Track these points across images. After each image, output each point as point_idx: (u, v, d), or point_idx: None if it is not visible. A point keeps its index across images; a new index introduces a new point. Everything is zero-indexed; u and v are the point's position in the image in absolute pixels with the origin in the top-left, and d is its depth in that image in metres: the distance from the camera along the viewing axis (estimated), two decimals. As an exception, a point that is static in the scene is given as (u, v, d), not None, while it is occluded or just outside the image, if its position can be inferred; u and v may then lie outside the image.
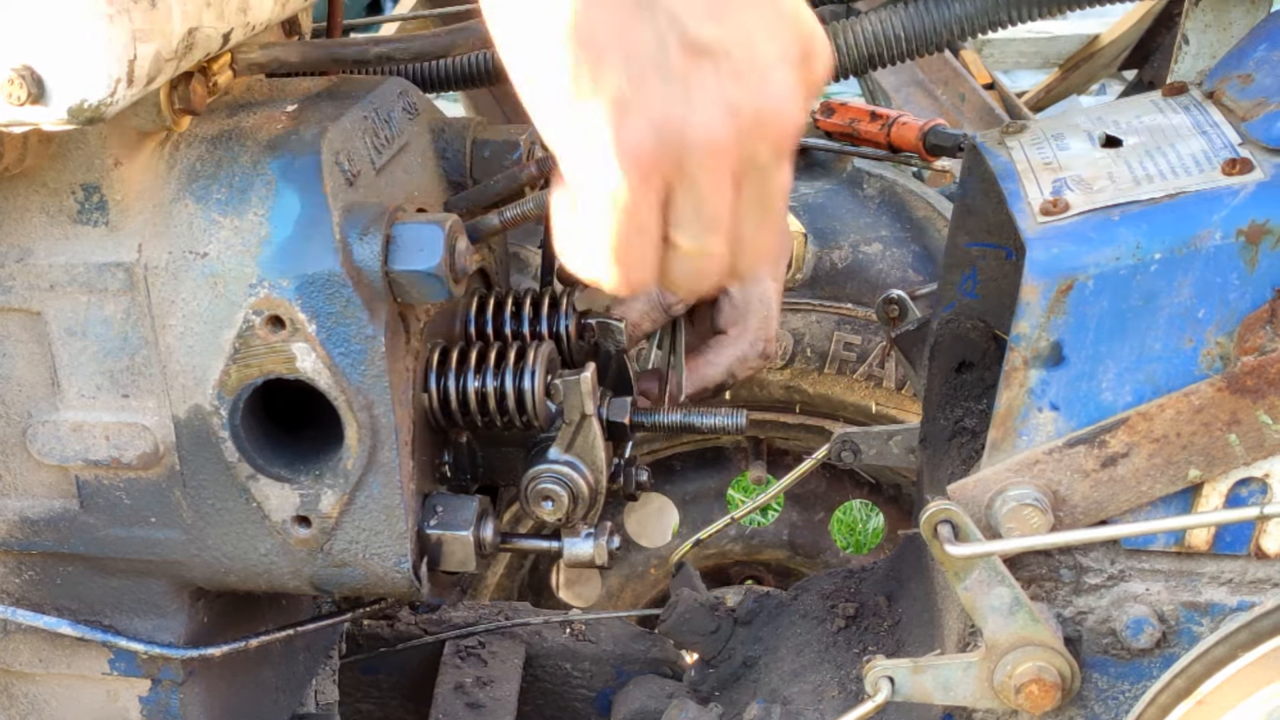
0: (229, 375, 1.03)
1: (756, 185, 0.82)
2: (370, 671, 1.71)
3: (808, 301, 2.04)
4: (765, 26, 0.79)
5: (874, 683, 1.09)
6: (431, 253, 1.01)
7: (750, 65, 0.79)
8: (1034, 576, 1.06)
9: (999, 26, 1.23)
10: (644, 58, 0.77)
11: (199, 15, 0.94)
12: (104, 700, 1.23)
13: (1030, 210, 1.03)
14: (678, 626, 1.42)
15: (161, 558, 1.13)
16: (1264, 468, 1.00)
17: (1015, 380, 1.01)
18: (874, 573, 1.41)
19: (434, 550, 1.12)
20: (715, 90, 0.78)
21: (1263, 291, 0.96)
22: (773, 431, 2.21)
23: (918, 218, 2.10)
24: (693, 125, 0.78)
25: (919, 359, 1.37)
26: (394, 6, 3.58)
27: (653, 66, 0.77)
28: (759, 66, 0.79)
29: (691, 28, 0.78)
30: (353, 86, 1.14)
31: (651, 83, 0.77)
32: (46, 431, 1.09)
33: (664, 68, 0.78)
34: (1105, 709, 1.09)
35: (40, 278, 1.04)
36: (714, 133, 0.79)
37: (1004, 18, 1.22)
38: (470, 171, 1.21)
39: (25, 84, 0.86)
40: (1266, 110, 1.02)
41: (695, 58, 0.78)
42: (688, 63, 0.78)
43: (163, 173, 1.04)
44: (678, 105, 0.78)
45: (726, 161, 0.80)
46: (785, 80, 0.80)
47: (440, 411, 1.13)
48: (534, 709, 1.72)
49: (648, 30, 0.77)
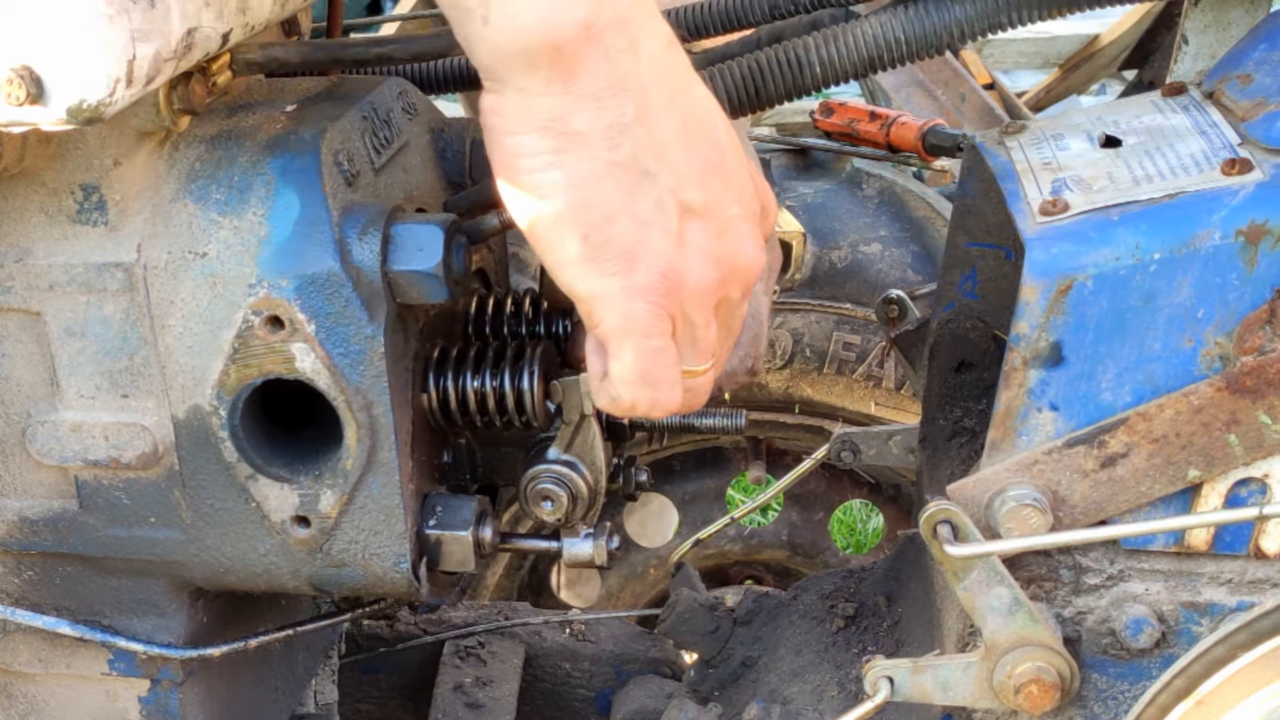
0: (228, 375, 1.03)
1: (727, 315, 0.99)
2: (370, 671, 1.71)
3: (807, 301, 2.04)
4: (733, 191, 0.95)
5: (873, 683, 1.09)
6: (431, 253, 1.01)
7: (727, 224, 0.94)
8: (1033, 576, 1.06)
9: (1000, 29, 1.23)
10: (648, 218, 0.91)
11: (198, 15, 0.94)
12: (103, 700, 1.23)
13: (1030, 210, 1.03)
14: (677, 626, 1.42)
15: (161, 558, 1.13)
16: (1263, 468, 1.00)
17: (1015, 380, 1.01)
18: (873, 573, 1.41)
19: (433, 550, 1.12)
20: (704, 245, 0.93)
21: (1262, 291, 0.96)
22: (772, 431, 2.21)
23: (917, 218, 2.10)
24: (690, 273, 0.93)
25: (919, 359, 1.37)
26: (394, 6, 3.58)
27: (656, 225, 0.91)
28: (733, 224, 0.95)
29: (684, 194, 0.92)
30: (352, 87, 1.14)
31: (655, 239, 0.91)
32: (46, 432, 1.09)
33: (664, 227, 0.91)
34: (1105, 709, 1.09)
35: (39, 278, 1.04)
36: (707, 279, 0.94)
37: (1005, 20, 1.22)
38: (470, 171, 1.21)
39: (24, 84, 0.86)
40: (1266, 110, 1.02)
41: (687, 218, 0.92)
42: (682, 222, 0.92)
43: (162, 173, 1.04)
44: (677, 257, 0.92)
45: (713, 300, 0.95)
46: (751, 235, 0.97)
47: (439, 412, 1.13)
48: (533, 709, 1.72)
49: (649, 196, 0.90)
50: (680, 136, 0.92)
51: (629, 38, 0.87)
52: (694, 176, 0.93)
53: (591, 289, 0.92)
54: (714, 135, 0.94)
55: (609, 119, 0.88)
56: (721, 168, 0.95)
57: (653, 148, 0.90)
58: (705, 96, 0.94)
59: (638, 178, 0.90)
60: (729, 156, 0.95)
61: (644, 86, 0.89)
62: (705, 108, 0.94)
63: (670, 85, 0.91)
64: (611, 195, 0.90)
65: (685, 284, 0.93)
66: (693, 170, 0.93)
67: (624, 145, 0.89)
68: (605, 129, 0.88)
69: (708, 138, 0.94)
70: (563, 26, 0.84)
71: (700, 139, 0.93)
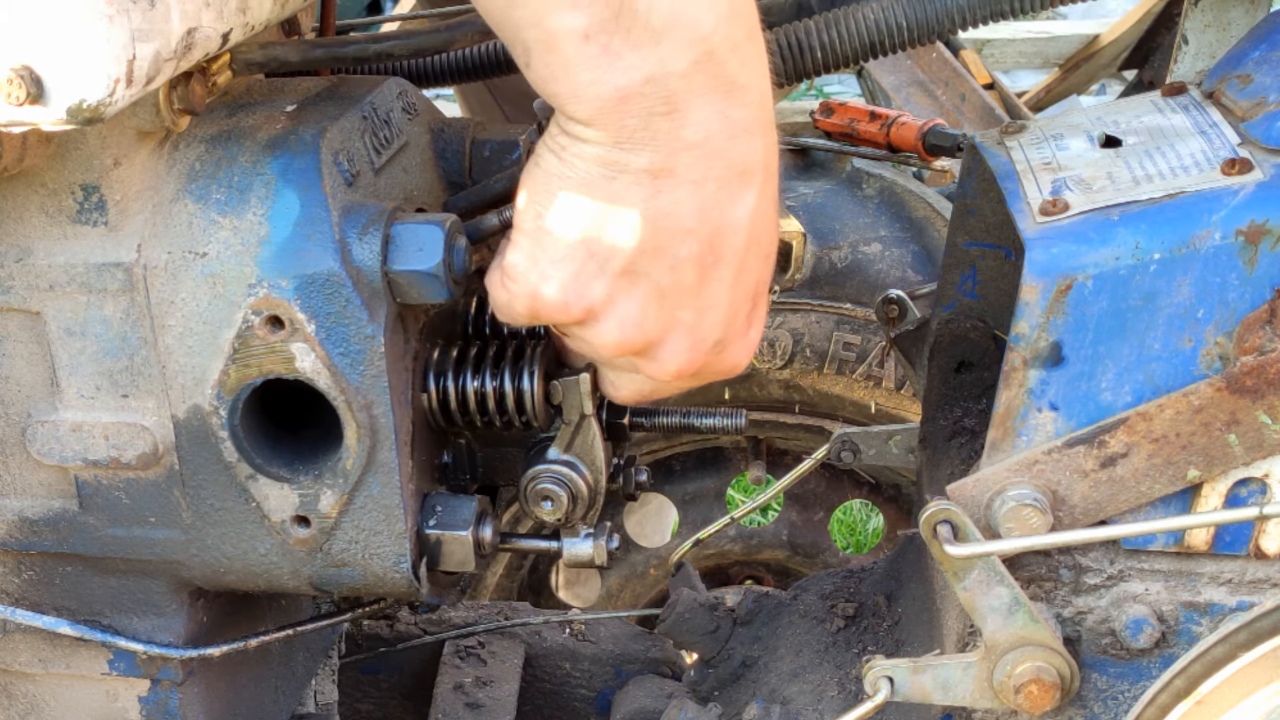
0: (228, 375, 1.03)
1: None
2: (370, 671, 1.71)
3: (807, 301, 2.04)
4: (699, 301, 0.98)
5: (873, 683, 1.09)
6: (431, 253, 1.01)
7: (668, 320, 0.98)
8: (1033, 576, 1.06)
9: (1001, 18, 1.23)
10: (597, 251, 0.95)
11: (198, 15, 0.94)
12: (103, 700, 1.23)
13: (1029, 210, 1.03)
14: (677, 626, 1.42)
15: (161, 558, 1.13)
16: (1263, 468, 1.00)
17: (1014, 380, 1.01)
18: (873, 573, 1.41)
19: (433, 550, 1.12)
20: (623, 314, 0.97)
21: (1262, 291, 0.96)
22: (772, 431, 2.21)
23: (917, 217, 2.10)
24: (600, 328, 0.99)
25: (918, 359, 1.37)
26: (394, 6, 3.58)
27: (598, 260, 0.95)
28: (671, 329, 0.98)
29: (646, 262, 0.95)
30: (352, 86, 1.14)
31: (588, 269, 0.95)
32: (46, 431, 1.09)
33: (605, 268, 0.95)
34: (1104, 709, 1.09)
35: (39, 278, 1.04)
36: (607, 340, 0.99)
37: (1006, 8, 1.22)
38: (470, 171, 1.21)
39: (24, 84, 0.86)
40: (1266, 110, 1.02)
41: (631, 279, 0.96)
42: (623, 279, 0.96)
43: (162, 173, 1.04)
44: (596, 300, 0.97)
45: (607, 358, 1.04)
46: (677, 354, 1.00)
47: (439, 412, 1.13)
48: (533, 709, 1.72)
49: (612, 239, 0.94)
50: (689, 215, 0.92)
51: (670, 104, 0.88)
52: (671, 257, 0.94)
53: (514, 260, 0.98)
54: (725, 241, 0.94)
55: (615, 156, 0.90)
56: (705, 271, 0.95)
57: (650, 204, 0.91)
58: (750, 213, 0.94)
59: (614, 215, 0.92)
60: (722, 273, 0.95)
61: (676, 151, 0.90)
62: (734, 216, 0.94)
63: (708, 169, 0.91)
64: (577, 205, 0.93)
65: (587, 327, 0.98)
66: (677, 252, 0.93)
67: (618, 181, 0.91)
68: (608, 161, 0.91)
69: (715, 238, 0.94)
70: (595, 97, 0.88)
71: (706, 234, 0.93)
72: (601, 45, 0.86)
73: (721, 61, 0.89)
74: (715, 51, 0.88)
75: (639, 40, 0.86)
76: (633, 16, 0.85)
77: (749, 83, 0.91)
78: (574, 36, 0.86)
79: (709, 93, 0.89)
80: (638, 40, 0.86)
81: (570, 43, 0.86)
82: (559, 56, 0.87)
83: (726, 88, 0.90)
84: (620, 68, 0.87)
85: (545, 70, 0.89)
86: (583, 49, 0.86)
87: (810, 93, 5.00)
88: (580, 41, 0.86)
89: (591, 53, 0.86)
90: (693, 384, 1.04)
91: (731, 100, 0.90)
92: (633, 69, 0.87)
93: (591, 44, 0.86)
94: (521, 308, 0.99)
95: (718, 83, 0.89)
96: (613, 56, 0.86)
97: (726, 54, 0.89)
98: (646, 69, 0.87)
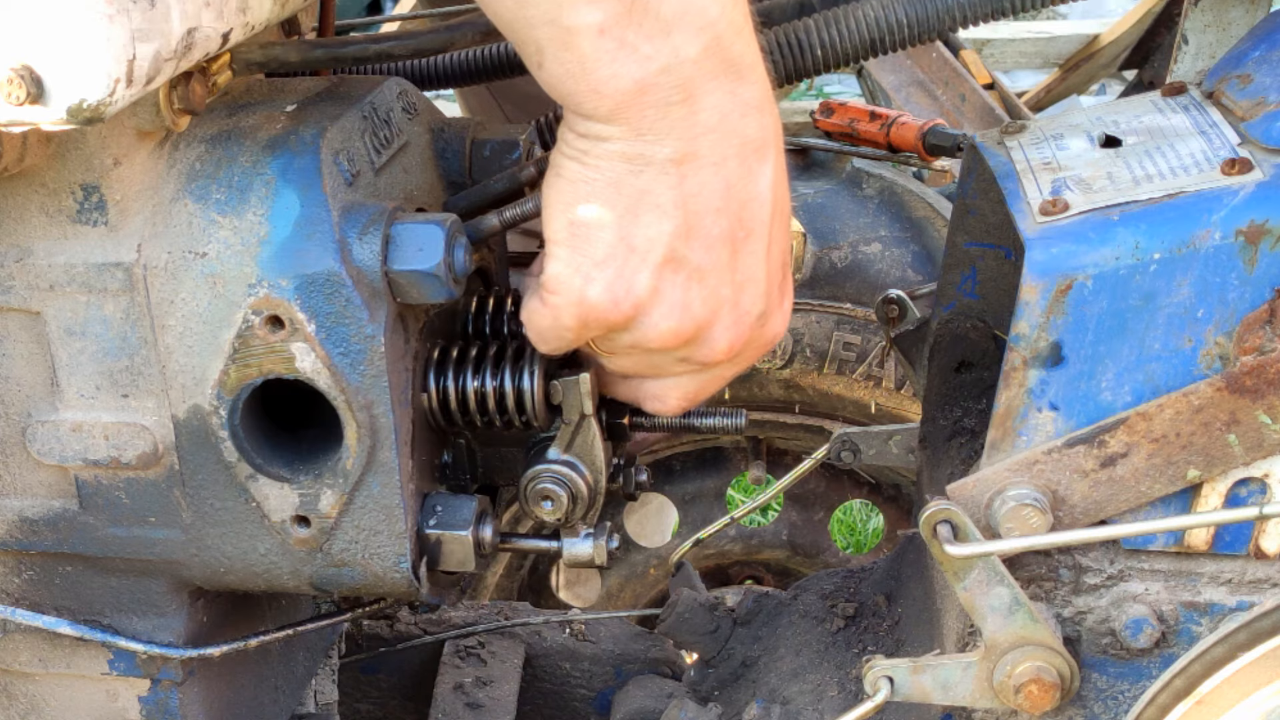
0: (228, 375, 1.03)
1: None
2: (370, 671, 1.71)
3: (807, 301, 2.04)
4: (737, 275, 1.00)
5: (873, 683, 1.09)
6: (431, 253, 1.01)
7: (714, 299, 1.00)
8: (1033, 576, 1.06)
9: (1001, 15, 1.22)
10: (636, 245, 0.96)
11: (198, 15, 0.94)
12: (103, 700, 1.23)
13: (1029, 210, 1.03)
14: (677, 626, 1.42)
15: (161, 557, 1.13)
16: (1263, 468, 1.00)
17: (1014, 380, 1.01)
18: (873, 572, 1.41)
19: (433, 550, 1.12)
20: (674, 299, 0.99)
21: (1262, 291, 0.96)
22: (772, 431, 2.21)
23: (917, 217, 2.10)
24: (648, 319, 1.00)
25: (918, 359, 1.37)
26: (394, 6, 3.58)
27: (640, 254, 0.96)
28: (719, 308, 1.01)
29: (684, 246, 0.97)
30: (352, 86, 1.13)
31: (632, 263, 0.97)
32: (46, 431, 1.09)
33: (647, 259, 0.97)
34: (1104, 709, 1.09)
35: (40, 278, 1.04)
36: (661, 332, 1.01)
37: (1006, 6, 1.21)
38: (470, 171, 1.21)
39: (24, 84, 0.86)
40: (1266, 110, 1.02)
41: (674, 267, 0.98)
42: (666, 268, 0.97)
43: (162, 173, 1.04)
44: (643, 292, 0.98)
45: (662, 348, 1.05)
46: (729, 329, 1.02)
47: (439, 411, 1.13)
48: (533, 709, 1.72)
49: (650, 227, 0.96)
50: (716, 195, 0.95)
51: (685, 91, 0.91)
52: (705, 237, 0.96)
53: (555, 272, 0.98)
54: (752, 214, 0.97)
55: (639, 149, 0.92)
56: (737, 246, 0.98)
57: (679, 190, 0.94)
58: (770, 185, 0.97)
59: (646, 207, 0.94)
60: (754, 245, 0.98)
61: (695, 135, 0.92)
62: (756, 190, 0.97)
63: (727, 148, 0.94)
64: (609, 205, 0.94)
65: (638, 323, 0.99)
66: (710, 231, 0.96)
67: (645, 173, 0.93)
68: (632, 155, 0.93)
69: (743, 212, 0.97)
70: (614, 91, 0.90)
71: (734, 210, 0.96)
72: (617, 39, 0.87)
73: (728, 45, 0.91)
74: (722, 36, 0.90)
75: (652, 31, 0.88)
76: (645, 8, 0.87)
77: (753, 62, 0.94)
78: (590, 32, 0.87)
79: (719, 76, 0.91)
80: (651, 31, 0.88)
81: (587, 38, 0.87)
82: (575, 54, 0.88)
83: (734, 69, 0.92)
84: (637, 60, 0.88)
85: (561, 69, 0.90)
86: (599, 44, 0.87)
87: (810, 93, 5.00)
88: (596, 36, 0.87)
89: (608, 47, 0.87)
90: (740, 367, 1.07)
91: (740, 81, 0.93)
92: (649, 60, 0.89)
93: (608, 38, 0.87)
94: (569, 319, 1.00)
95: (726, 65, 0.92)
96: (629, 49, 0.88)
97: (732, 37, 0.91)
98: (662, 59, 0.89)
